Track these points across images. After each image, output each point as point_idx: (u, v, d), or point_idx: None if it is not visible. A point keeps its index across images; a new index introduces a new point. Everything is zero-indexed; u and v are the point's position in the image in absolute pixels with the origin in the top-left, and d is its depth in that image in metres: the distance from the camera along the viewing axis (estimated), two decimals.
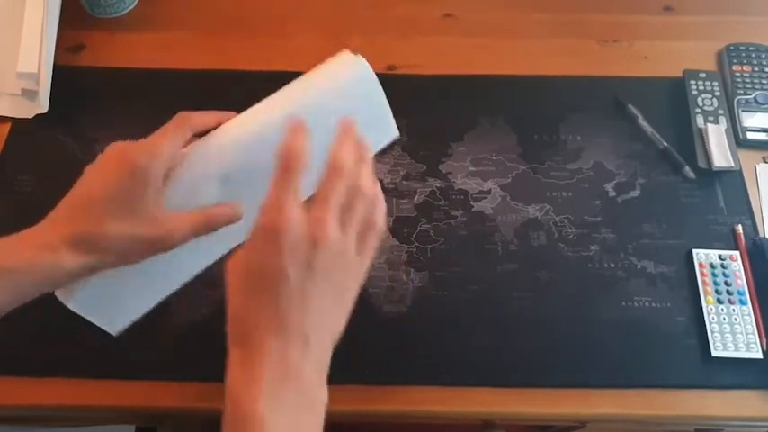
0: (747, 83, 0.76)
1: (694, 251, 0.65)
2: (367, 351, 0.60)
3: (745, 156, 0.72)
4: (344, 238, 0.40)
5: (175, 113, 0.47)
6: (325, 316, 0.40)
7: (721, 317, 0.62)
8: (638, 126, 0.74)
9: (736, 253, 0.65)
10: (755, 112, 0.74)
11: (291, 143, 0.40)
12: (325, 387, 0.39)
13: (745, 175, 0.71)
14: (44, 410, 0.60)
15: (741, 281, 0.63)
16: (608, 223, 0.68)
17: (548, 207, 0.69)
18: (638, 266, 0.65)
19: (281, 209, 0.38)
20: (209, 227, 0.48)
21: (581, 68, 0.79)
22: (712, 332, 0.61)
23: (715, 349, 0.60)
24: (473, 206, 0.69)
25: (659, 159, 0.72)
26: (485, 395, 0.59)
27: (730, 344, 0.60)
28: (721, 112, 0.74)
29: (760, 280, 0.64)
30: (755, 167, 0.72)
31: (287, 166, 0.39)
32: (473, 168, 0.71)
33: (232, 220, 0.48)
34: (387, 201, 0.68)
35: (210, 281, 0.63)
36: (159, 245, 0.46)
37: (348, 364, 0.58)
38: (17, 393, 0.58)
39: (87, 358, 0.60)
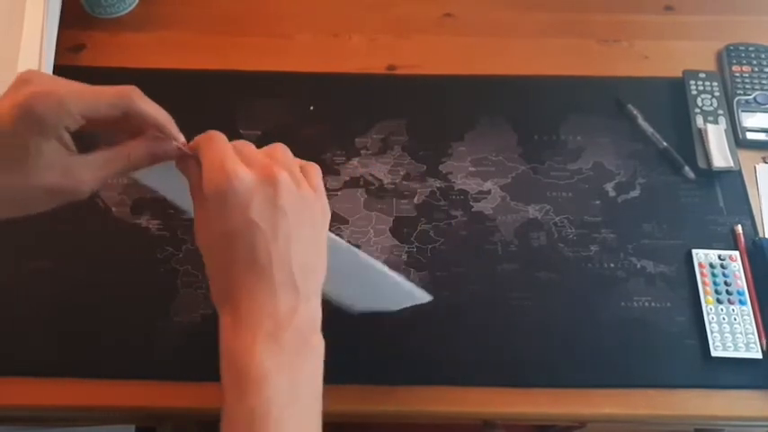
0: (747, 83, 0.76)
1: (694, 251, 0.65)
2: (367, 351, 0.60)
3: (745, 156, 0.72)
4: (293, 173, 0.39)
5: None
6: (305, 256, 0.39)
7: (721, 317, 0.62)
8: (638, 126, 0.74)
9: (736, 253, 0.65)
10: (755, 112, 0.74)
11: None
12: (320, 334, 0.39)
13: (744, 175, 0.71)
14: (44, 411, 0.60)
15: (741, 281, 0.63)
16: (608, 223, 0.68)
17: (548, 207, 0.69)
18: (638, 266, 0.65)
19: (222, 168, 0.37)
20: (130, 166, 0.40)
21: (581, 68, 0.79)
22: (712, 332, 0.61)
23: (715, 349, 0.60)
24: (473, 206, 0.69)
25: (659, 159, 0.72)
26: (485, 395, 0.59)
27: (730, 344, 0.60)
28: (721, 112, 0.74)
29: (760, 280, 0.64)
30: (755, 167, 0.72)
31: (207, 137, 0.39)
32: (473, 168, 0.71)
33: (159, 156, 0.40)
34: (387, 201, 0.69)
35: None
36: (67, 195, 0.39)
37: (348, 364, 0.58)
38: (17, 393, 0.58)
39: (87, 358, 0.60)
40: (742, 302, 0.62)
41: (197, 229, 0.39)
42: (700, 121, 0.73)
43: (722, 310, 0.62)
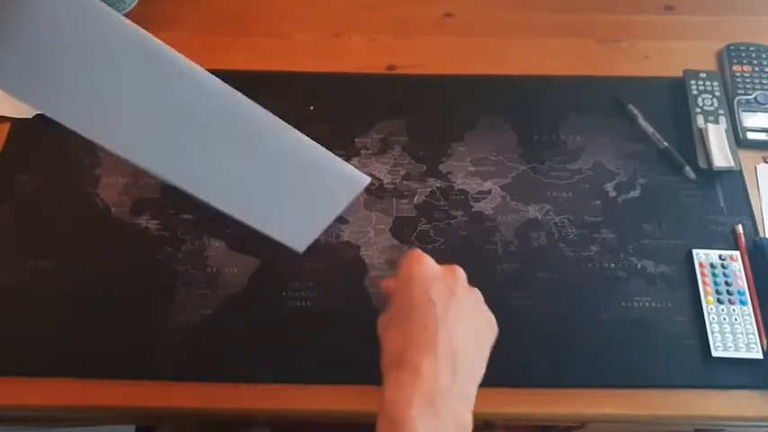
0: (748, 83, 0.76)
1: (694, 251, 0.65)
2: (367, 351, 0.60)
3: (746, 156, 0.72)
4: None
5: None
6: (468, 343, 0.45)
7: (721, 317, 0.62)
8: (638, 126, 0.74)
9: (737, 253, 0.65)
10: (756, 111, 0.74)
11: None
12: (471, 413, 0.43)
13: (745, 175, 0.71)
14: (44, 410, 0.60)
15: (741, 281, 0.63)
16: (608, 223, 0.68)
17: (548, 207, 0.69)
18: (639, 266, 0.65)
19: (418, 258, 0.47)
20: None
21: (581, 68, 0.79)
22: (712, 332, 0.61)
23: (715, 349, 0.60)
24: (473, 206, 0.69)
25: (659, 159, 0.72)
26: (485, 395, 0.58)
27: (730, 344, 0.60)
28: (721, 112, 0.74)
29: (760, 280, 0.63)
30: (756, 167, 0.72)
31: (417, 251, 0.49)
32: (473, 168, 0.71)
33: None
34: (387, 201, 0.69)
35: (211, 281, 0.63)
36: None
37: (348, 364, 0.58)
38: (17, 393, 0.58)
39: (87, 358, 0.60)
40: (743, 302, 0.62)
41: (383, 317, 0.47)
42: (700, 120, 0.73)
43: (723, 310, 0.62)
